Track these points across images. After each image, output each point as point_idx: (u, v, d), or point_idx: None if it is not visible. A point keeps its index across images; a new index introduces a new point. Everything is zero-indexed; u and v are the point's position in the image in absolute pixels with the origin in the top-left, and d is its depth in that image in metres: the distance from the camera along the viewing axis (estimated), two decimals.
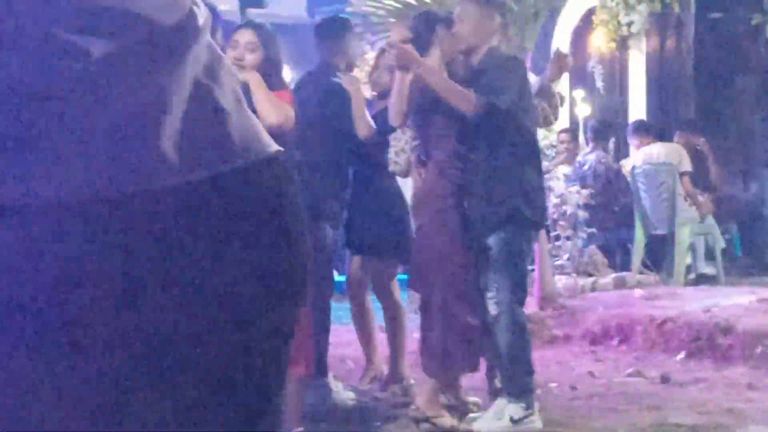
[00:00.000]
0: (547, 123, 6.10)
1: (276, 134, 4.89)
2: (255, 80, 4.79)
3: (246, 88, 4.54)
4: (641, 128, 11.08)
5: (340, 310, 6.73)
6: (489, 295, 5.16)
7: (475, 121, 5.10)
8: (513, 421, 5.11)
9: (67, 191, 1.17)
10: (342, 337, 7.03)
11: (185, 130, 1.25)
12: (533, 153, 5.29)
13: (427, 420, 5.26)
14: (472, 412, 5.50)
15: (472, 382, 5.84)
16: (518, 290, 5.17)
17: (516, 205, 5.12)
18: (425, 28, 5.47)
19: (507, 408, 5.17)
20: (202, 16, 1.32)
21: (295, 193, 1.35)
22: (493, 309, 5.14)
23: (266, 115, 4.59)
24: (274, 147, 1.36)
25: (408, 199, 6.16)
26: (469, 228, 5.19)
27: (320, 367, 5.68)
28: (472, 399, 5.69)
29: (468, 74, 5.25)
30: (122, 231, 1.19)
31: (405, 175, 5.89)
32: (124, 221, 1.20)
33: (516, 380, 5.21)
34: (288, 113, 4.78)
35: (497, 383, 5.49)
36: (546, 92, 5.88)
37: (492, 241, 5.14)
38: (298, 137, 5.37)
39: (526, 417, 5.12)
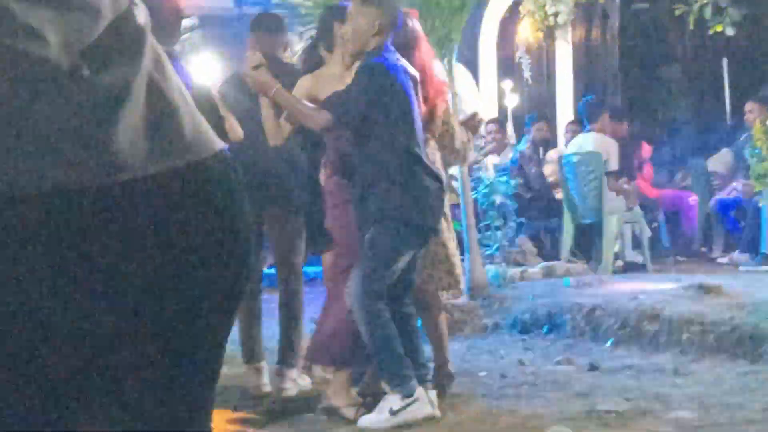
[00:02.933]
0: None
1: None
2: None
3: None
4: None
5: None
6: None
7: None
8: (392, 412, 5.02)
9: (26, 184, 1.21)
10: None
11: (143, 125, 1.30)
12: (405, 157, 5.11)
13: (335, 410, 5.25)
14: None
15: None
16: (371, 283, 5.07)
17: (381, 206, 5.08)
18: (323, 26, 5.51)
19: (386, 399, 5.11)
20: (143, 13, 1.35)
21: (239, 187, 1.45)
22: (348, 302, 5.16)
23: None
24: (219, 143, 1.43)
25: None
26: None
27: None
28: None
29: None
30: (80, 222, 1.24)
31: None
32: (83, 213, 1.24)
33: (387, 370, 5.11)
34: None
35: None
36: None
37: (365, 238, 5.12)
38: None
39: (406, 406, 5.05)
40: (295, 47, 9.88)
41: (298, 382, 6.05)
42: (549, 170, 11.18)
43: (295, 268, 6.15)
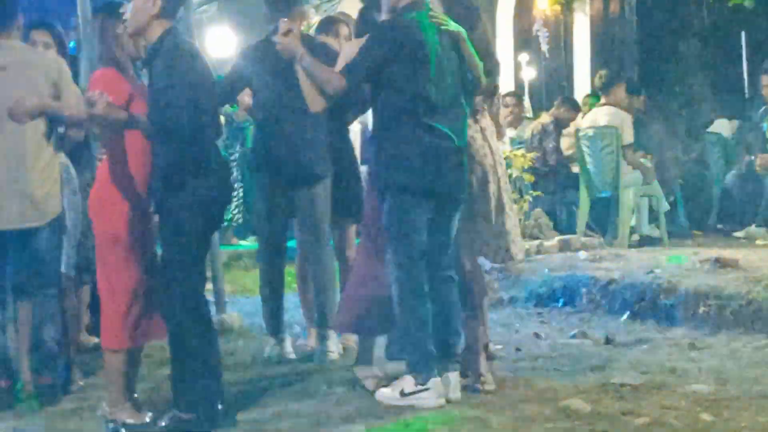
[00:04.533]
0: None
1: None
2: None
3: None
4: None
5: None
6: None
7: None
8: (402, 393, 5.03)
9: None
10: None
11: None
12: (409, 123, 5.08)
13: (356, 381, 5.35)
14: None
15: None
16: (398, 255, 5.06)
17: (385, 178, 5.17)
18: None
19: (403, 378, 5.11)
20: None
21: None
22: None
23: None
24: None
25: None
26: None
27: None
28: None
29: None
30: None
31: None
32: None
33: (411, 351, 5.10)
34: None
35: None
36: None
37: None
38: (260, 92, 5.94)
39: (417, 392, 5.02)
40: (312, 20, 9.86)
41: (338, 345, 6.18)
42: (566, 144, 11.14)
43: (321, 233, 6.26)
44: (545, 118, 11.41)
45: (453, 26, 5.16)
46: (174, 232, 4.67)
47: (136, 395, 4.96)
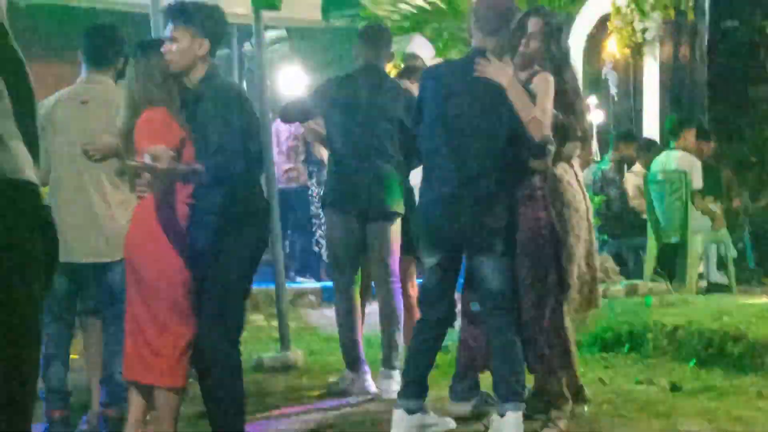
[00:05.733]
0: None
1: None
2: None
3: None
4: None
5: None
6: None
7: None
8: None
9: None
10: None
11: None
12: None
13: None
14: None
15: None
16: None
17: None
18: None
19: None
20: None
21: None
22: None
23: None
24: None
25: None
26: None
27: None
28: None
29: None
30: None
31: None
32: None
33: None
34: None
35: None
36: None
37: None
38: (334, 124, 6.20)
39: None
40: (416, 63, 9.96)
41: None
42: (631, 184, 11.10)
43: (390, 269, 6.32)
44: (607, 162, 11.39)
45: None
46: (223, 275, 4.68)
47: None
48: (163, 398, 4.80)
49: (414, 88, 6.49)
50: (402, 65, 8.25)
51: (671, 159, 10.06)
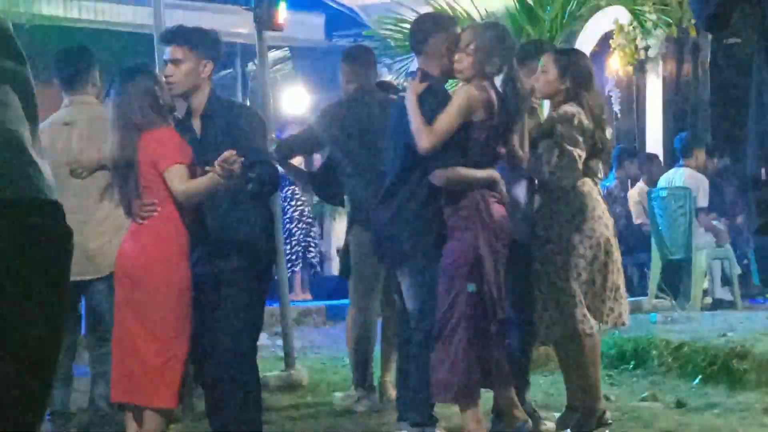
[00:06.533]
0: None
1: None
2: None
3: None
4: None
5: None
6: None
7: None
8: None
9: None
10: None
11: None
12: None
13: None
14: None
15: None
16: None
17: None
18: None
19: None
20: None
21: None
22: None
23: None
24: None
25: None
26: None
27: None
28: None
29: None
30: None
31: None
32: None
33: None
34: None
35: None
36: None
37: None
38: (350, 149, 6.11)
39: None
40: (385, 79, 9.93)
41: None
42: (633, 207, 11.12)
43: None
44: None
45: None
46: (237, 294, 4.69)
47: None
48: (153, 419, 4.66)
49: None
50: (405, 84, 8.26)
51: (678, 176, 10.07)
